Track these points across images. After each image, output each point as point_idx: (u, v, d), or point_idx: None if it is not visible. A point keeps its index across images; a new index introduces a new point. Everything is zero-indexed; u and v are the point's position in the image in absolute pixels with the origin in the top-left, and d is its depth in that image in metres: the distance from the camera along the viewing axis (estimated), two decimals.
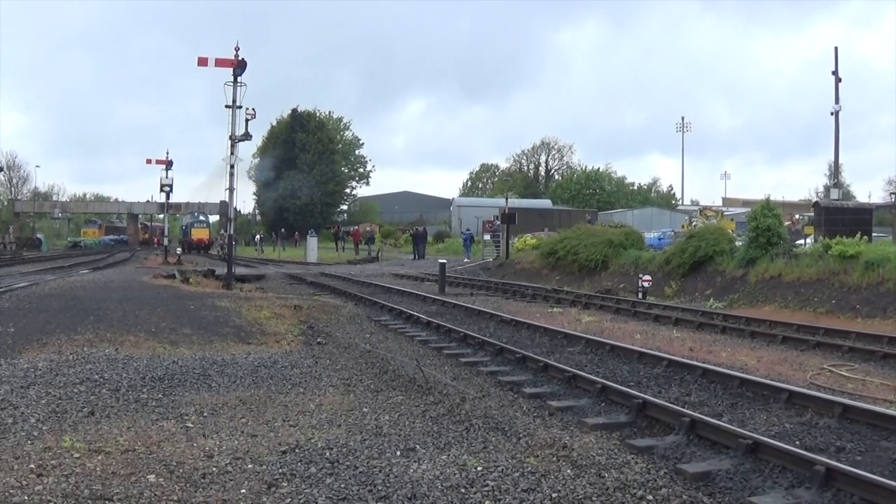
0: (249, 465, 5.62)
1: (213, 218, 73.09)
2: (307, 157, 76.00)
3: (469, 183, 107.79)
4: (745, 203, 61.35)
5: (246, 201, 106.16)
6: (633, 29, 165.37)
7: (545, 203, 74.34)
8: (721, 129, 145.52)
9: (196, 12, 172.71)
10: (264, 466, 5.61)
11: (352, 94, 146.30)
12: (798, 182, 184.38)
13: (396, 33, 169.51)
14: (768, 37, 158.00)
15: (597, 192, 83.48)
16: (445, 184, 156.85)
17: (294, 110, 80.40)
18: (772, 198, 35.01)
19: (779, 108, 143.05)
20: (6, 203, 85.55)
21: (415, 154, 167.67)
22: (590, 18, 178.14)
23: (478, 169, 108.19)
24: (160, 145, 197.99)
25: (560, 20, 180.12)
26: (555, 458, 5.96)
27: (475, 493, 5.12)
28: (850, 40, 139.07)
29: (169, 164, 39.72)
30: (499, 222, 38.10)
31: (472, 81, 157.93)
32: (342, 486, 5.22)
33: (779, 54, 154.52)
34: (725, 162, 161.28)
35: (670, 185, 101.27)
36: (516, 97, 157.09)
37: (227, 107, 22.43)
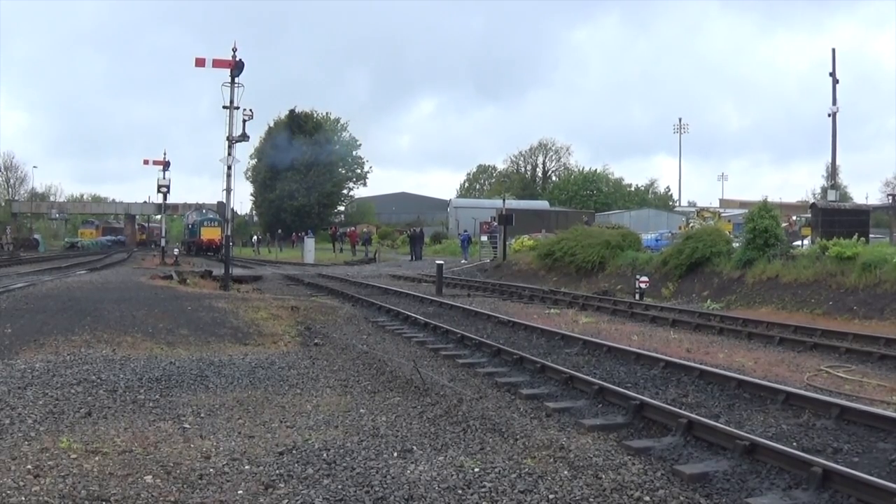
0: (246, 466, 5.62)
1: None
2: (304, 158, 75.88)
3: (466, 184, 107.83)
4: (743, 204, 61.48)
5: (243, 202, 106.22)
6: (650, 28, 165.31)
7: (542, 204, 74.39)
8: (730, 130, 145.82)
9: (209, 11, 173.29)
10: (261, 467, 5.60)
11: (363, 94, 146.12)
12: (802, 183, 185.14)
13: (410, 32, 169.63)
14: (786, 36, 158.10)
15: (594, 194, 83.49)
16: (450, 184, 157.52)
17: (292, 111, 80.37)
18: (772, 199, 35.15)
19: (789, 108, 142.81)
20: (3, 204, 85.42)
21: (422, 154, 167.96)
22: (608, 17, 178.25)
23: (475, 170, 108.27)
24: (165, 146, 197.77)
25: (577, 19, 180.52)
26: (552, 460, 5.96)
27: (472, 495, 5.12)
28: (867, 41, 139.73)
29: (166, 165, 39.73)
30: (496, 223, 38.08)
31: (486, 81, 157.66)
32: (339, 487, 5.22)
33: (794, 54, 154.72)
34: (732, 162, 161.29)
35: (668, 187, 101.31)
36: (529, 97, 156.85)
37: (224, 107, 22.44)
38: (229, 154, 22.98)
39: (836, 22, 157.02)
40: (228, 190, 23.19)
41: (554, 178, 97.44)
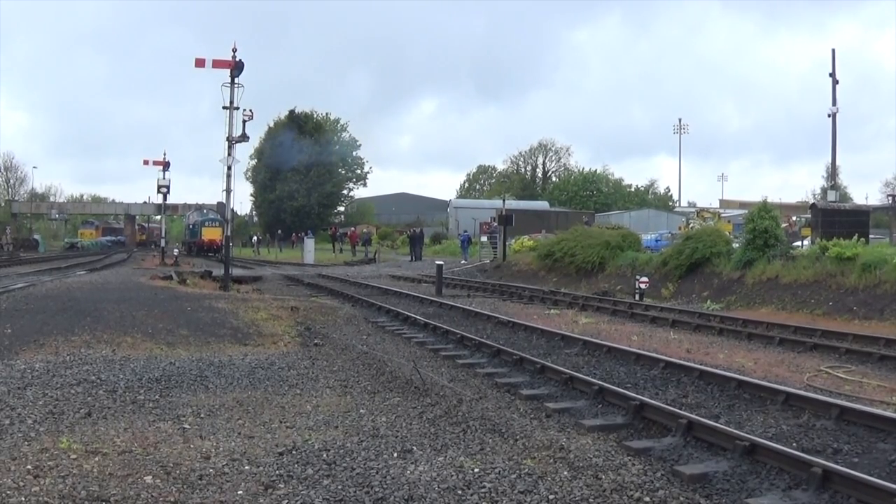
0: (246, 467, 5.62)
1: None
2: (304, 158, 75.86)
3: (466, 184, 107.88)
4: (743, 205, 61.52)
5: (243, 203, 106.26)
6: (651, 28, 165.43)
7: (542, 205, 74.38)
8: (730, 130, 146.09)
9: (210, 11, 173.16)
10: (261, 468, 5.60)
11: (364, 95, 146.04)
12: (802, 183, 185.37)
13: (411, 33, 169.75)
14: (787, 37, 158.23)
15: (594, 194, 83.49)
16: (450, 185, 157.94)
17: (292, 111, 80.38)
18: (772, 199, 35.19)
19: (789, 109, 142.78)
20: (3, 204, 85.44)
21: (422, 155, 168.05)
22: (609, 17, 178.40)
23: (475, 170, 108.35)
24: (165, 146, 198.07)
25: (578, 19, 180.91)
26: (552, 460, 5.96)
27: (472, 495, 5.12)
28: (868, 41, 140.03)
29: (166, 166, 39.67)
30: (496, 224, 38.08)
31: (487, 81, 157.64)
32: (339, 487, 5.22)
33: (795, 55, 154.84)
34: (732, 163, 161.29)
35: (667, 187, 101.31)
36: (530, 97, 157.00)
37: (224, 108, 22.45)
38: (229, 154, 23.01)
39: (837, 22, 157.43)
40: (228, 190, 23.22)
41: (554, 179, 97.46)
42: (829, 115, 34.61)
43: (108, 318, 12.72)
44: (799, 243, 25.79)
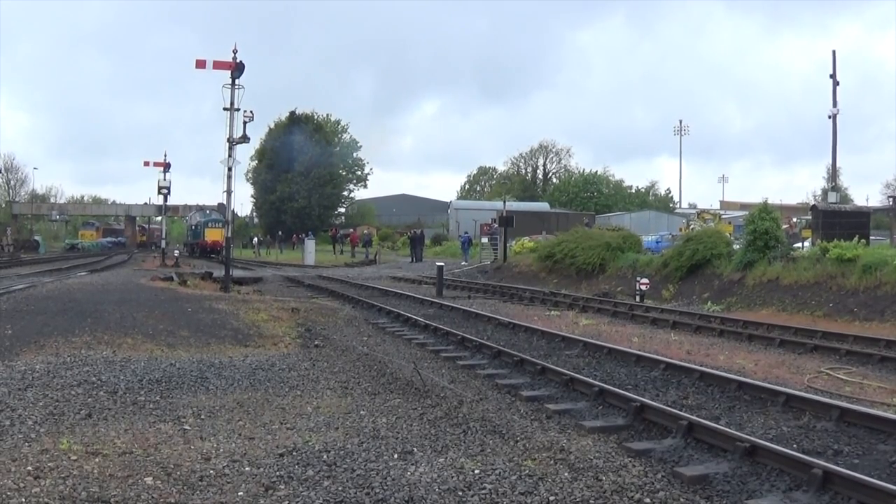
0: (247, 468, 5.62)
1: None
2: (305, 159, 75.95)
3: (467, 186, 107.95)
4: (744, 206, 61.53)
5: (244, 204, 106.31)
6: (655, 29, 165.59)
7: (543, 206, 74.37)
8: (732, 131, 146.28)
9: (212, 12, 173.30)
10: (262, 469, 5.60)
11: (367, 96, 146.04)
12: (804, 185, 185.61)
13: (414, 34, 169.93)
14: (790, 38, 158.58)
15: (594, 196, 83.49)
16: (451, 186, 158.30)
17: (292, 112, 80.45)
18: (772, 201, 35.19)
19: (791, 110, 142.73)
20: (4, 205, 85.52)
21: (424, 156, 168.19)
22: (612, 19, 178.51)
23: (476, 172, 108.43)
24: (166, 147, 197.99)
25: (581, 20, 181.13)
26: (552, 461, 5.96)
27: (472, 496, 5.12)
28: (871, 43, 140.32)
29: (167, 167, 39.64)
30: (496, 225, 38.07)
31: (490, 82, 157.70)
32: (339, 488, 5.22)
33: (798, 56, 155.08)
34: (734, 164, 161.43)
35: (668, 189, 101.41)
36: (532, 98, 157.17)
37: (224, 109, 22.46)
38: (230, 156, 23.02)
39: (840, 24, 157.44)
40: (229, 192, 23.24)
41: (554, 180, 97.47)
42: (829, 117, 34.63)
43: (109, 319, 12.72)
44: (799, 245, 25.79)
